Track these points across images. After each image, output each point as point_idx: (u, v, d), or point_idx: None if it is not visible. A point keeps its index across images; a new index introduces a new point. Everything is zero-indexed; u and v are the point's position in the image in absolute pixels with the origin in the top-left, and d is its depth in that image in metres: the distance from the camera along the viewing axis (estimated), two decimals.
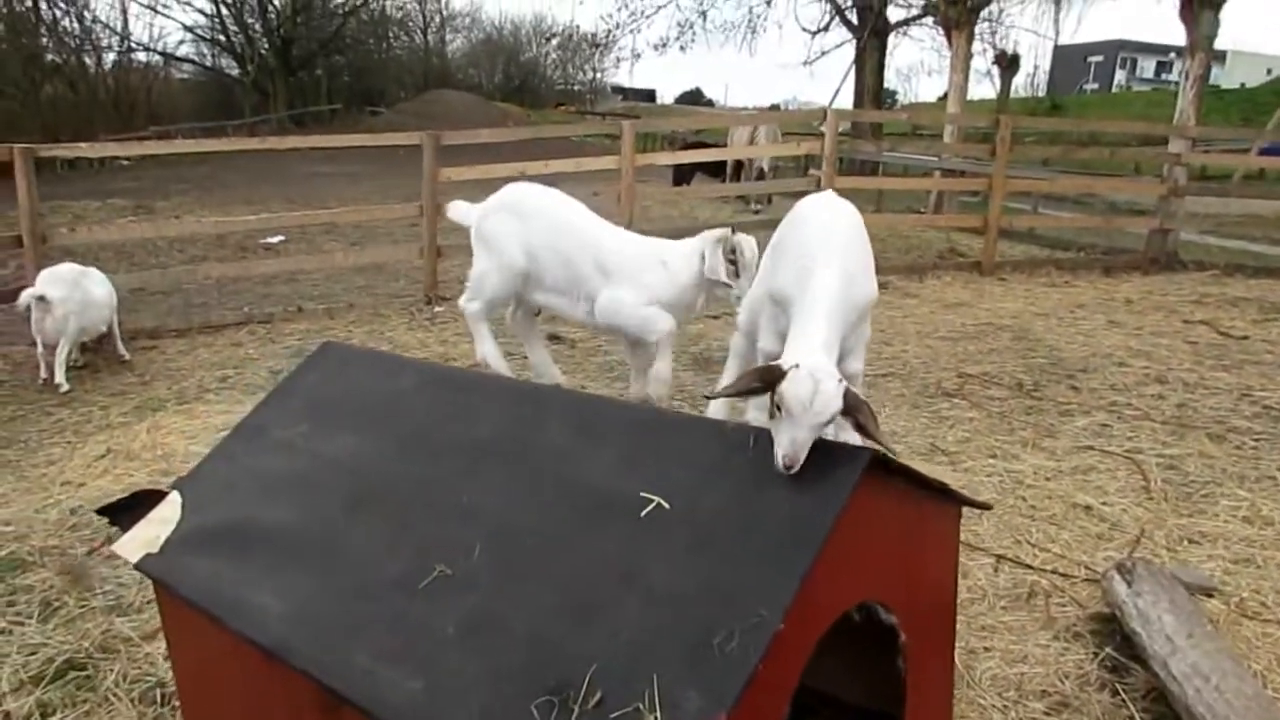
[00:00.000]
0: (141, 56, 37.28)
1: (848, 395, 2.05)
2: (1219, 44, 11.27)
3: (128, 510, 2.14)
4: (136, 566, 2.03)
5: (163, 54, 39.07)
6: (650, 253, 4.70)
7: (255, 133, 29.94)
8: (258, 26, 40.92)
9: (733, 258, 4.50)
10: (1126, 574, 2.92)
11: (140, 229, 9.80)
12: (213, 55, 42.59)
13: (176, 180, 18.57)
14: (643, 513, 1.66)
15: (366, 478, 2.03)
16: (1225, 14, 10.60)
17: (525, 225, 4.81)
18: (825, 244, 3.17)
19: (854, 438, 2.13)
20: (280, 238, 11.45)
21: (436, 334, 6.98)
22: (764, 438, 1.77)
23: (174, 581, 1.95)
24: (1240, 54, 43.38)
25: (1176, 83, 11.82)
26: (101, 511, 2.21)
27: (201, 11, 40.03)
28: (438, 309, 7.79)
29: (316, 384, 2.42)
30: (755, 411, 4.01)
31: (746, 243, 4.53)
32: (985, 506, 2.35)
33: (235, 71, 41.96)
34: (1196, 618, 2.68)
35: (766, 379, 2.09)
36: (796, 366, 2.08)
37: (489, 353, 5.05)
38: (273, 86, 39.44)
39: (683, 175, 14.95)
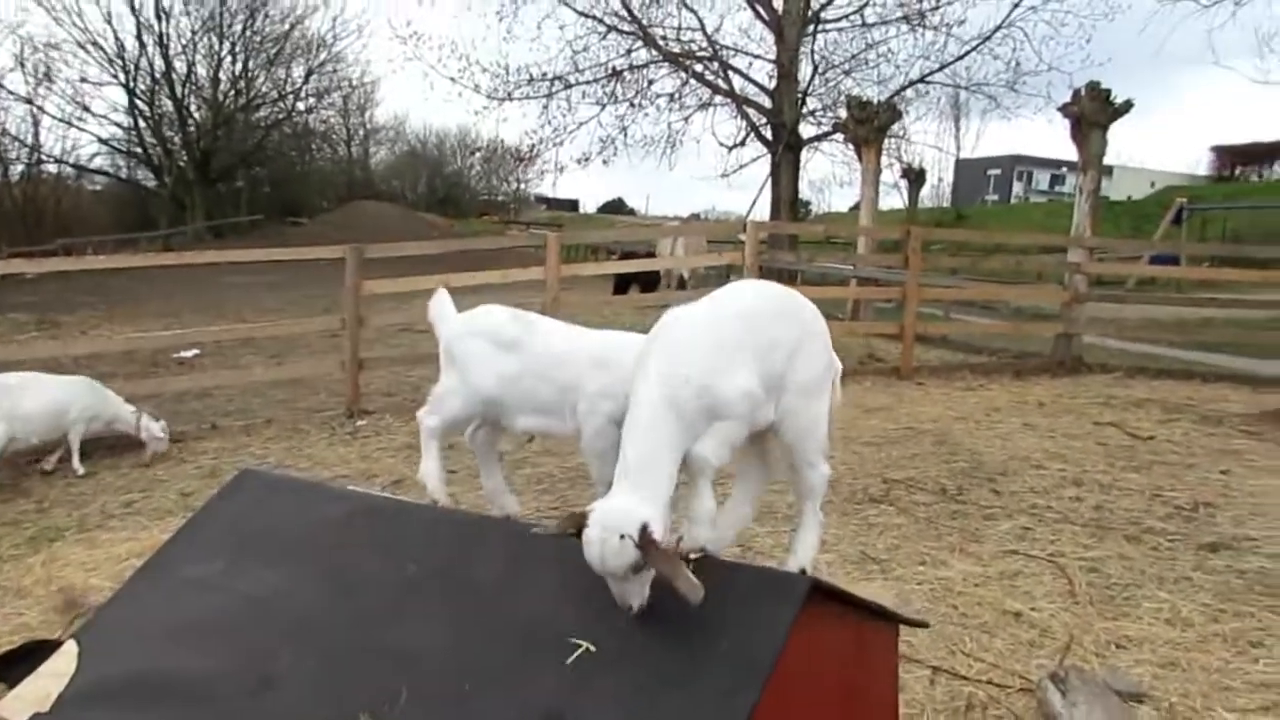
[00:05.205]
0: (52, 168, 36.76)
1: (645, 545, 1.69)
2: (1106, 160, 12.06)
3: (17, 663, 1.97)
4: None
5: (75, 165, 38.56)
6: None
7: (171, 244, 29.51)
8: (177, 139, 40.67)
9: None
10: (1060, 683, 2.92)
11: (45, 346, 9.45)
12: (128, 167, 42.13)
13: (83, 293, 18.06)
14: (569, 660, 1.59)
15: (289, 618, 1.92)
16: (1111, 133, 11.39)
17: (502, 353, 4.58)
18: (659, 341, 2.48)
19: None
20: (194, 351, 11.15)
21: (358, 449, 6.80)
22: (703, 566, 1.73)
23: None
24: (1125, 168, 46.31)
25: (1070, 194, 12.58)
26: None
27: (119, 125, 39.73)
28: (360, 423, 7.61)
29: (234, 516, 2.31)
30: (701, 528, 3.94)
31: None
32: (923, 624, 2.34)
33: (152, 183, 41.48)
34: None
35: (575, 525, 1.80)
36: (587, 521, 1.77)
37: (429, 471, 4.68)
38: (190, 198, 39.02)
39: (622, 285, 15.44)
